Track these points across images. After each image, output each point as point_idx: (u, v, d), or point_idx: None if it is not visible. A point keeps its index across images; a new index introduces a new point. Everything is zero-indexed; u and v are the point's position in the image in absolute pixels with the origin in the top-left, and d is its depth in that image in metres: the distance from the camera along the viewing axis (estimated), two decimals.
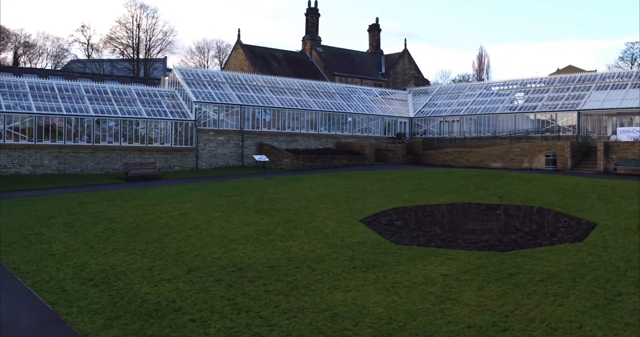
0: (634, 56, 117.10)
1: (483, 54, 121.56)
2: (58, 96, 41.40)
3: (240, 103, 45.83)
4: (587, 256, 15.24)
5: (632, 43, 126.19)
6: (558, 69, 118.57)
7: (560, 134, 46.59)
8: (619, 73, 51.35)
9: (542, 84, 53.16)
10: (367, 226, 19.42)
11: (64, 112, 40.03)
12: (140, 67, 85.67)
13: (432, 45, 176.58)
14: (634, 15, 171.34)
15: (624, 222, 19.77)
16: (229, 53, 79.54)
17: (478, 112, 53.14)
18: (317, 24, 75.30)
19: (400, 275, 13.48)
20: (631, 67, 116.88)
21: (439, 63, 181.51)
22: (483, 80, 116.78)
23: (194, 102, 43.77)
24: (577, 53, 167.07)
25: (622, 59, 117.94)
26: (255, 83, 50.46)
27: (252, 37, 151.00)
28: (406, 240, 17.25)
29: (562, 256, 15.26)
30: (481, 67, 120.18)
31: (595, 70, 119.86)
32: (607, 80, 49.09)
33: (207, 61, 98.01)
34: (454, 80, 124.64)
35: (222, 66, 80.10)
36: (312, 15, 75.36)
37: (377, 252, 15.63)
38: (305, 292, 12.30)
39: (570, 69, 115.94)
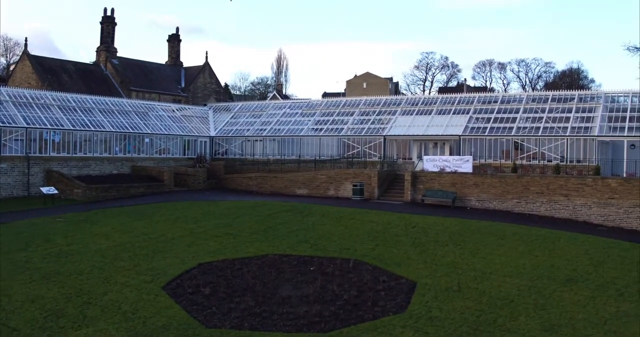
0: (428, 66, 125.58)
1: (282, 56, 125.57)
2: None
3: (25, 125, 41.48)
4: (414, 335, 14.90)
5: (427, 53, 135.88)
6: (356, 75, 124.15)
7: (367, 159, 47.69)
8: (425, 99, 53.82)
9: (349, 107, 54.26)
10: (171, 295, 17.80)
11: None
12: None
13: (231, 44, 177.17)
14: (427, 20, 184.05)
15: (443, 280, 20.01)
16: (17, 52, 73.13)
17: (282, 133, 53.03)
18: (114, 34, 71.54)
19: None
20: (425, 76, 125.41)
21: (237, 64, 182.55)
22: (282, 84, 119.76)
23: None
24: (373, 55, 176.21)
25: (417, 67, 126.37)
26: (43, 101, 46.05)
27: (44, 45, 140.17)
28: (216, 319, 15.91)
29: (388, 336, 14.79)
30: (280, 70, 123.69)
31: (392, 78, 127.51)
32: (413, 106, 51.21)
33: None
34: (252, 83, 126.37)
35: (7, 76, 72.76)
36: (108, 24, 71.43)
37: None
38: None
39: (368, 75, 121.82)
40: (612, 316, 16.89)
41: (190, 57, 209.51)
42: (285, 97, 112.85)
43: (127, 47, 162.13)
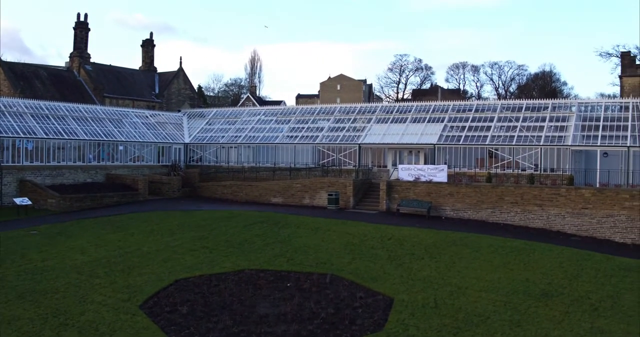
0: (402, 68, 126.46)
1: (256, 57, 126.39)
2: None
3: None
4: None
5: (401, 55, 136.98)
6: (330, 77, 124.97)
7: (342, 167, 47.93)
8: (400, 106, 54.15)
9: (323, 114, 54.55)
10: (148, 315, 17.75)
11: None
12: None
13: (204, 45, 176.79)
14: (401, 22, 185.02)
15: (420, 295, 20.21)
16: None
17: (257, 141, 53.07)
18: (87, 39, 70.73)
19: None
20: (399, 78, 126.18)
21: (211, 65, 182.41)
22: (255, 85, 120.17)
23: None
24: (347, 57, 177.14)
25: (391, 70, 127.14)
26: (15, 109, 45.56)
27: (13, 44, 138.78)
28: None
29: None
30: (254, 71, 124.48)
31: (366, 80, 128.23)
32: (388, 114, 51.60)
33: None
34: (226, 84, 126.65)
35: None
36: (82, 30, 70.52)
37: None
38: None
39: (342, 77, 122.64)
40: (587, 332, 17.20)
41: (163, 59, 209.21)
42: (259, 98, 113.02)
43: (99, 50, 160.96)
